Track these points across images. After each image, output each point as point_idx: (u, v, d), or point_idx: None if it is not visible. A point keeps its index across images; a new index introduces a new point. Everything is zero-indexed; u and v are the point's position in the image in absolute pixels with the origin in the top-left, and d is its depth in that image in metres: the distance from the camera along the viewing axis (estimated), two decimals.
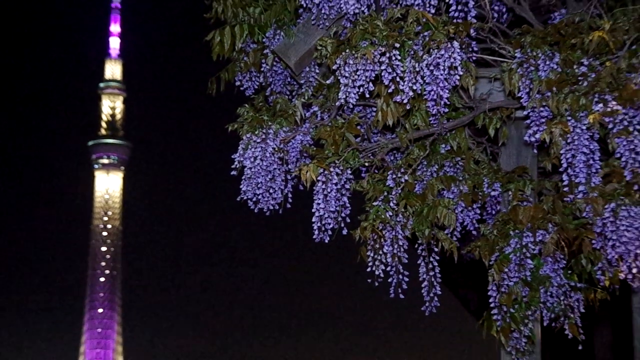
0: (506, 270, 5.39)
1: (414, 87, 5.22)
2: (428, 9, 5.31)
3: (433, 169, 5.95)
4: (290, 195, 6.06)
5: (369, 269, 5.59)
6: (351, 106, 5.54)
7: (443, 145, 6.03)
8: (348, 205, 5.70)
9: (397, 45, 5.26)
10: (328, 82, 5.84)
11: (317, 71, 6.07)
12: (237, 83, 6.44)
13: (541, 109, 5.16)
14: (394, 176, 5.79)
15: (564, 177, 5.09)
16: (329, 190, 5.61)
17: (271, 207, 5.99)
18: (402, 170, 5.85)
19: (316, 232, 5.63)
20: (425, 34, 5.26)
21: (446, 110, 5.51)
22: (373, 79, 5.28)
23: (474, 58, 5.62)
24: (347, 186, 5.71)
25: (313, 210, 5.63)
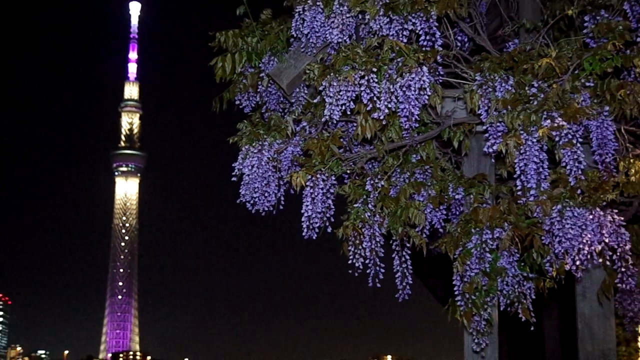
0: (468, 262, 5.50)
1: (389, 106, 5.38)
2: (401, 39, 5.48)
3: (405, 176, 6.02)
4: (282, 198, 6.15)
5: (350, 262, 5.74)
6: (335, 122, 5.62)
7: (414, 155, 6.13)
8: (332, 207, 5.82)
9: (375, 69, 5.41)
10: (315, 101, 5.99)
11: (306, 92, 6.14)
12: (237, 102, 6.54)
13: (498, 124, 5.34)
14: (372, 182, 5.95)
15: (518, 182, 5.26)
16: (316, 194, 5.74)
17: (266, 208, 6.09)
18: (379, 176, 6.00)
19: (305, 230, 5.74)
20: (399, 60, 5.43)
21: (417, 125, 5.67)
22: (354, 98, 5.42)
23: (440, 80, 5.72)
24: (332, 190, 5.83)
25: (302, 211, 5.75)
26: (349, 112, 5.51)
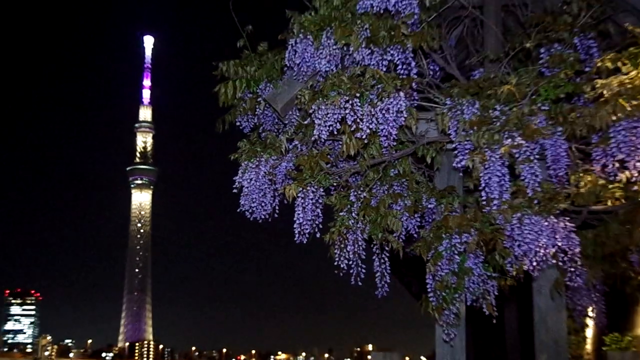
0: (439, 263, 5.51)
1: (371, 126, 5.36)
2: (381, 68, 5.46)
3: (385, 188, 6.00)
4: (277, 207, 6.08)
5: (336, 263, 5.72)
6: (323, 140, 5.59)
7: (392, 170, 6.11)
8: (321, 215, 5.78)
9: (358, 94, 5.39)
10: (306, 122, 5.98)
11: (298, 114, 6.13)
12: (238, 123, 6.53)
13: (465, 142, 5.32)
14: (355, 193, 5.93)
15: (483, 193, 5.25)
16: (306, 204, 5.71)
17: (263, 216, 6.04)
18: (361, 188, 5.98)
19: (297, 235, 5.71)
20: (379, 86, 5.41)
21: (394, 143, 5.68)
22: (340, 120, 5.40)
23: (415, 104, 5.73)
24: (320, 201, 5.80)
25: (294, 219, 5.73)
26: (335, 132, 5.49)
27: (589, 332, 17.88)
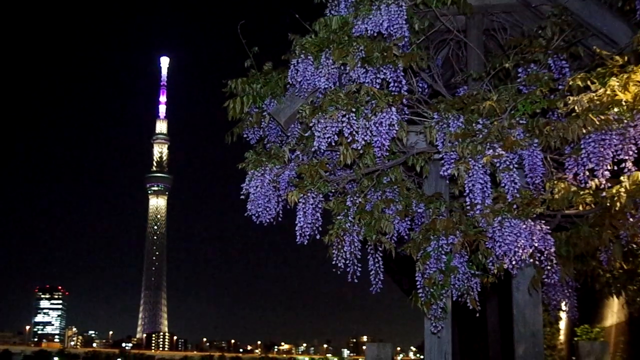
0: (428, 262, 5.47)
1: (365, 138, 5.36)
2: (374, 85, 5.46)
3: (378, 194, 5.95)
4: (281, 212, 6.02)
5: (334, 262, 5.67)
6: (322, 151, 5.58)
7: (385, 178, 6.06)
8: (320, 218, 5.74)
9: (354, 109, 5.40)
10: (307, 134, 5.97)
11: (299, 127, 6.10)
12: (245, 135, 6.48)
13: (451, 153, 5.30)
14: (352, 199, 5.88)
15: (467, 199, 5.23)
16: (307, 208, 5.68)
17: (268, 220, 5.97)
18: (357, 195, 5.93)
19: (298, 237, 5.67)
20: (373, 102, 5.41)
21: (387, 154, 5.65)
22: (337, 132, 5.40)
23: (405, 118, 5.71)
24: (320, 206, 5.75)
25: (296, 222, 5.69)
26: (333, 144, 5.48)
27: (562, 325, 17.88)
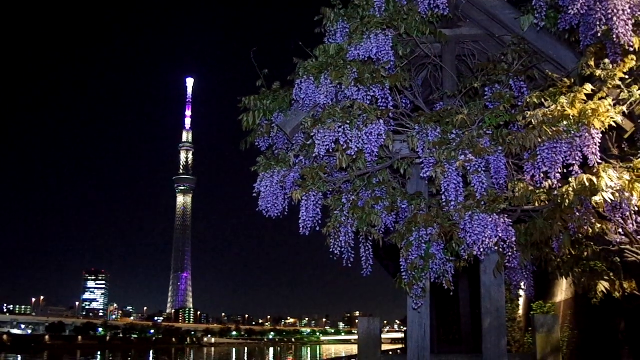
0: (410, 250, 5.45)
1: (358, 146, 5.35)
2: (365, 101, 5.46)
3: (369, 192, 5.95)
4: (287, 207, 5.99)
5: (331, 250, 5.66)
6: (322, 156, 5.59)
7: (374, 179, 6.06)
8: (320, 213, 5.73)
9: (348, 122, 5.39)
10: (309, 142, 5.94)
11: (302, 136, 6.08)
12: (257, 143, 6.46)
13: (430, 158, 5.31)
14: (346, 197, 5.89)
15: (443, 197, 5.23)
16: (308, 205, 5.67)
17: (276, 214, 5.93)
18: (351, 193, 5.93)
19: (301, 228, 5.65)
20: (364, 115, 5.40)
21: (376, 159, 5.66)
22: (334, 141, 5.39)
23: (392, 129, 5.74)
24: (319, 202, 5.75)
25: (300, 216, 5.69)
26: (331, 150, 5.47)
27: (521, 301, 17.86)
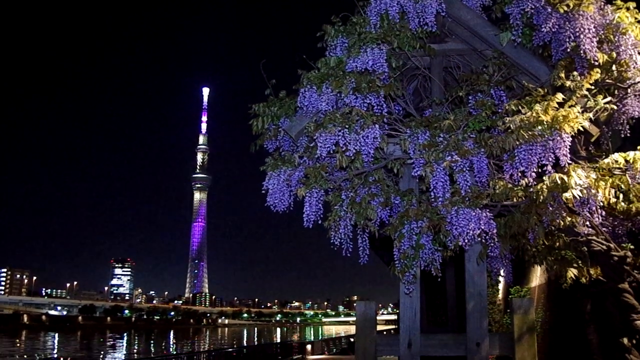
0: (402, 241, 5.40)
1: (356, 148, 5.33)
2: (362, 108, 5.44)
3: (365, 190, 5.90)
4: (292, 203, 5.93)
5: (332, 241, 5.63)
6: (323, 157, 5.57)
7: (371, 177, 6.01)
8: (321, 208, 5.71)
9: (347, 126, 5.36)
10: (312, 145, 5.89)
11: (306, 139, 6.05)
12: (265, 145, 6.42)
13: (420, 159, 5.28)
14: (345, 193, 5.84)
15: (432, 194, 5.22)
16: (312, 201, 5.64)
17: (283, 209, 5.88)
18: (350, 190, 5.88)
19: (305, 222, 5.62)
20: (361, 120, 5.38)
21: (372, 159, 5.65)
22: (334, 143, 5.37)
23: (386, 133, 5.71)
24: (321, 199, 5.72)
25: (304, 211, 5.66)
26: (331, 152, 5.46)
27: (501, 286, 17.85)
